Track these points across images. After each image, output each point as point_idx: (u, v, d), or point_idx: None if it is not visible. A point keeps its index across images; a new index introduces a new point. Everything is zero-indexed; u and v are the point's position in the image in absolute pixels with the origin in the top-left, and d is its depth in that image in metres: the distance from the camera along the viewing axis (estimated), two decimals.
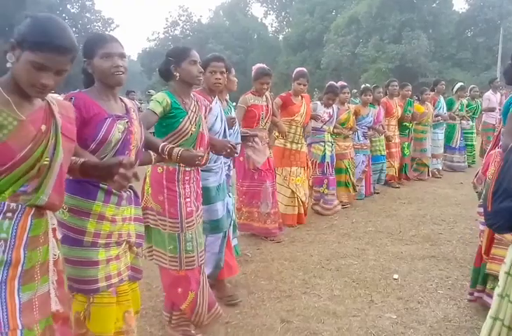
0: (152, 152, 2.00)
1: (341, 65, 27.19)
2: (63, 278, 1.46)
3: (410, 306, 2.76)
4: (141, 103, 10.00)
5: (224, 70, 2.75)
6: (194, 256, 2.29)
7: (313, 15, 32.31)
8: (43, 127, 1.31)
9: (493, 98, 7.60)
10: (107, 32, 32.61)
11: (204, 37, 35.73)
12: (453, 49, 26.50)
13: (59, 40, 1.24)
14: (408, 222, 4.59)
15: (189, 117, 2.24)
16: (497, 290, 1.81)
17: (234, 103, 3.89)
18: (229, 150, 2.42)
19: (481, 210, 2.31)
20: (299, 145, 4.40)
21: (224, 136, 2.81)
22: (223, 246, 2.82)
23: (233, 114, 3.17)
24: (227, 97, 3.27)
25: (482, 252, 2.50)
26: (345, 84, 5.26)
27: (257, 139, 3.63)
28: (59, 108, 1.39)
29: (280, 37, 38.64)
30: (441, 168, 7.23)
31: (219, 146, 2.43)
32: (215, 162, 2.75)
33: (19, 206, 1.29)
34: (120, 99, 1.83)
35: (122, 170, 1.33)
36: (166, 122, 2.21)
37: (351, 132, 5.30)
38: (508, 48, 22.82)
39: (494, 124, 7.65)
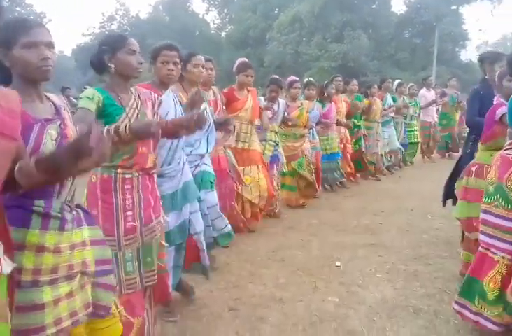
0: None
1: (285, 63, 27.77)
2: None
3: (351, 290, 2.99)
4: (78, 100, 9.77)
5: (177, 60, 2.47)
6: (135, 278, 2.04)
7: (256, 13, 32.71)
8: None
9: (428, 95, 8.07)
10: None
11: (143, 33, 35.11)
12: (392, 49, 27.84)
13: None
14: (350, 215, 4.88)
15: (127, 115, 1.97)
16: None
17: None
18: (197, 120, 1.98)
19: (486, 217, 2.29)
20: (246, 144, 4.12)
21: None
22: (179, 260, 2.66)
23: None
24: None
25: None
26: (296, 79, 5.03)
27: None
28: None
29: (223, 34, 38.74)
30: (384, 166, 7.35)
31: (186, 121, 2.01)
32: (168, 165, 2.48)
33: None
34: (46, 96, 1.54)
35: (95, 131, 1.15)
36: (103, 123, 1.91)
37: (306, 130, 5.06)
38: (443, 49, 24.39)
39: (430, 122, 8.17)
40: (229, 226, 3.33)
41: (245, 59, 4.10)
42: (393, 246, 3.85)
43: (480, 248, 2.35)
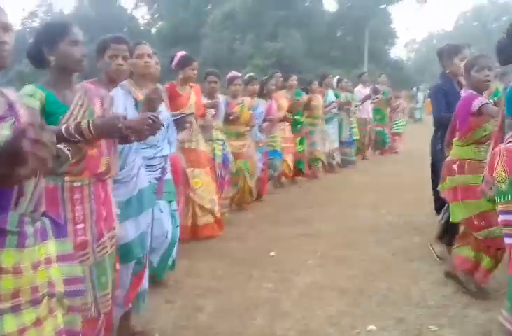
0: (61, 147, 1.59)
1: (220, 61, 27.95)
2: None
3: (285, 276, 3.23)
4: None
5: (127, 54, 2.29)
6: (87, 303, 1.76)
7: (187, 9, 32.65)
8: None
9: (363, 91, 8.44)
10: None
11: None
12: (326, 47, 28.86)
13: None
14: (284, 208, 5.16)
15: (72, 113, 1.78)
16: None
17: None
18: (150, 122, 1.85)
19: (507, 218, 2.12)
20: (194, 143, 3.92)
21: None
22: (141, 279, 2.43)
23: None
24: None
25: None
26: (238, 74, 4.91)
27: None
28: None
29: (153, 31, 38.26)
30: (340, 161, 7.63)
31: (138, 124, 1.84)
32: (121, 169, 2.28)
33: None
34: None
35: (30, 133, 1.01)
36: (46, 122, 1.70)
37: (248, 128, 4.94)
38: (373, 47, 25.64)
39: (365, 119, 8.52)
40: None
41: (185, 52, 3.94)
42: (323, 235, 4.15)
43: None
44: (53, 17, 37.01)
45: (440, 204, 3.45)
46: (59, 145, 1.55)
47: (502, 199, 2.11)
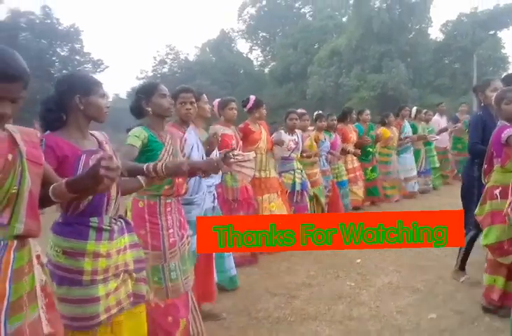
0: (140, 177, 2.06)
1: (326, 95, 28.88)
2: (52, 301, 1.53)
3: (366, 278, 3.80)
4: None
5: (193, 100, 2.88)
6: (179, 284, 2.41)
7: (297, 49, 34.39)
8: (10, 157, 1.36)
9: (441, 121, 8.48)
10: (97, 73, 34.26)
11: (192, 73, 37.49)
12: (431, 76, 28.35)
13: (9, 69, 1.28)
14: None
15: (166, 149, 2.36)
16: None
17: None
18: (214, 165, 2.35)
19: None
20: (267, 172, 4.54)
21: None
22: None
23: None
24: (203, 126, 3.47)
25: None
26: (305, 111, 5.61)
27: (236, 152, 3.88)
28: (22, 135, 1.43)
29: (266, 70, 40.63)
30: (416, 190, 7.63)
31: (203, 166, 2.33)
32: (196, 194, 2.92)
33: (1, 242, 1.34)
34: (91, 134, 1.92)
35: (103, 162, 1.38)
36: (146, 156, 2.29)
37: (317, 158, 5.53)
38: (482, 73, 24.66)
39: (445, 147, 8.44)
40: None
41: (256, 96, 4.49)
42: (407, 248, 4.60)
43: None
44: (179, 64, 41.21)
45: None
46: (138, 176, 2.07)
47: None
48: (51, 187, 1.51)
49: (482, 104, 3.52)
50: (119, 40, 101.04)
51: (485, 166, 3.02)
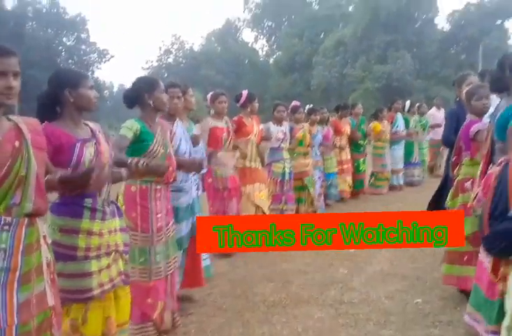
0: (122, 169, 2.16)
1: (330, 86, 28.92)
2: (55, 277, 1.71)
3: (358, 265, 4.01)
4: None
5: (180, 95, 3.10)
6: (161, 267, 2.60)
7: (302, 39, 34.30)
8: (17, 143, 1.54)
9: (437, 114, 8.67)
10: (102, 63, 34.32)
11: (197, 63, 37.55)
12: (437, 67, 28.27)
13: (2, 46, 1.55)
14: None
15: (157, 140, 2.53)
16: (506, 323, 1.63)
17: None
18: (197, 165, 2.73)
19: None
20: (257, 163, 4.76)
21: (190, 154, 3.17)
22: (183, 261, 3.15)
23: (195, 132, 3.58)
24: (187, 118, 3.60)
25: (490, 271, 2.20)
26: (298, 104, 5.82)
27: (219, 154, 4.05)
28: (26, 125, 1.61)
29: (271, 61, 40.54)
30: (402, 183, 7.89)
31: (187, 164, 2.73)
32: (185, 182, 3.09)
33: (14, 219, 1.52)
34: (84, 123, 2.06)
35: (96, 171, 1.64)
36: (138, 146, 2.48)
37: (310, 149, 5.79)
38: (488, 64, 24.53)
39: (439, 140, 8.70)
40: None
41: (248, 91, 4.76)
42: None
43: None
44: (184, 54, 41.19)
45: None
46: (122, 169, 2.15)
47: None
48: (45, 179, 1.68)
49: (457, 98, 3.61)
50: (124, 30, 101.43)
51: (454, 158, 3.14)
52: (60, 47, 32.20)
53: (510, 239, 1.58)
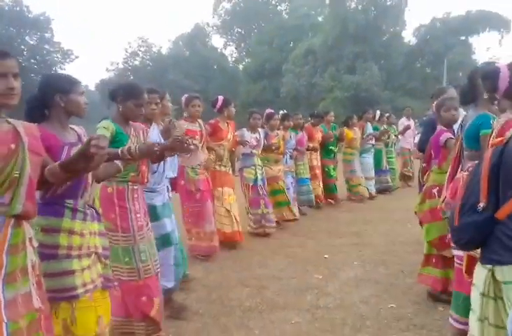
0: (117, 161, 2.26)
1: (300, 94, 29.29)
2: (41, 281, 1.71)
3: (332, 271, 4.08)
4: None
5: (158, 101, 3.19)
6: (149, 265, 2.65)
7: (271, 46, 34.66)
8: (12, 146, 1.57)
9: (407, 123, 9.08)
10: (66, 63, 33.58)
11: (164, 67, 37.25)
12: (403, 79, 29.15)
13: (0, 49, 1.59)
14: (343, 224, 5.99)
15: (131, 141, 2.59)
16: (474, 316, 1.71)
17: None
18: (179, 141, 2.44)
19: None
20: (227, 168, 4.91)
21: None
22: (179, 259, 3.26)
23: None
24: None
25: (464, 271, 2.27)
26: (273, 111, 5.88)
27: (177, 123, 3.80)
28: (25, 129, 1.65)
29: (240, 67, 40.74)
30: (374, 190, 8.11)
31: (172, 143, 2.46)
32: (158, 184, 3.21)
33: (0, 218, 1.54)
34: (71, 127, 2.10)
35: (93, 141, 1.57)
36: (114, 146, 2.44)
37: (281, 156, 5.85)
38: (452, 78, 25.56)
39: (409, 149, 9.07)
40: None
41: (224, 96, 4.89)
42: (372, 244, 4.93)
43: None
44: (152, 57, 40.81)
45: None
46: (116, 161, 2.25)
47: None
48: (46, 169, 1.73)
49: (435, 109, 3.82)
50: (90, 31, 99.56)
51: (424, 165, 3.37)
52: (22, 47, 31.32)
53: (477, 231, 1.65)
